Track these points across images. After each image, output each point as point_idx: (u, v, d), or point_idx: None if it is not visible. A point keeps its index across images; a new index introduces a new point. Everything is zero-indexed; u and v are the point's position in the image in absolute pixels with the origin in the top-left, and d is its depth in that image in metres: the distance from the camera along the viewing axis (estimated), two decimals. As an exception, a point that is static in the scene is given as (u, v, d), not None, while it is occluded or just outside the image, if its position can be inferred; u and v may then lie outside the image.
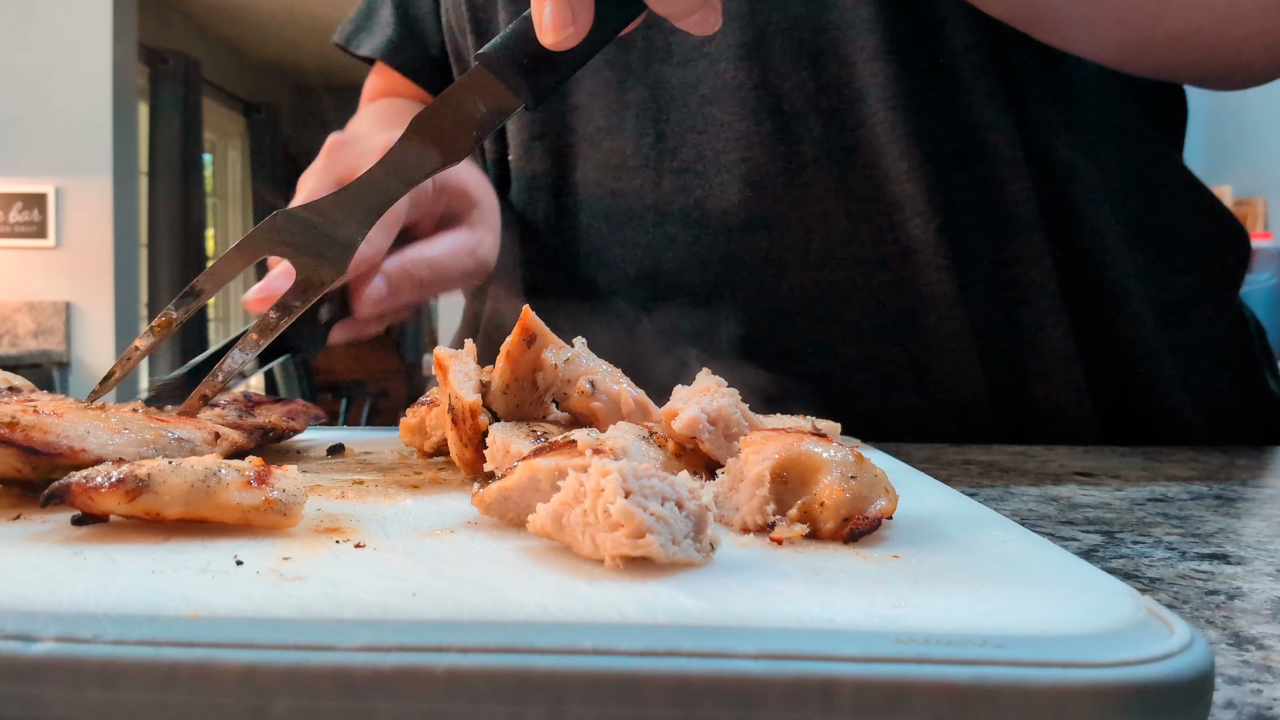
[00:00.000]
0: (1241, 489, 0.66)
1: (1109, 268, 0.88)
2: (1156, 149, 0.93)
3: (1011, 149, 0.85)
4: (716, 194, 0.88)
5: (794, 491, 0.39)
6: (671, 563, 0.32)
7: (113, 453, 0.43)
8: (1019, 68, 0.85)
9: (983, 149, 0.85)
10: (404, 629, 0.25)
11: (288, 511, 0.37)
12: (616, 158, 0.91)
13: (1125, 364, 0.89)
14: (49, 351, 4.26)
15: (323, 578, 0.30)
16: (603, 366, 0.51)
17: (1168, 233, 0.92)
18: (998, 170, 0.85)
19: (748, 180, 0.87)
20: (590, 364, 0.51)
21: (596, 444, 0.40)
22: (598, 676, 0.24)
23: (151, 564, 0.32)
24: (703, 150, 0.88)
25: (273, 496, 0.37)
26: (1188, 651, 0.25)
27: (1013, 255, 0.86)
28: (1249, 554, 0.46)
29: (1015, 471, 0.72)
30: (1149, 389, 0.90)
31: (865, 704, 0.24)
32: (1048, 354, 0.87)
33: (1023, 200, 0.85)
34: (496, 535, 0.37)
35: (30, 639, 0.25)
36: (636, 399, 0.51)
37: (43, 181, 4.28)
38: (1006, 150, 0.85)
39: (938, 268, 0.85)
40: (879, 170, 0.85)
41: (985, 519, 0.41)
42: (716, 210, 0.88)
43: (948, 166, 0.85)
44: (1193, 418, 0.91)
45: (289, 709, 0.24)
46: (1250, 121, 3.62)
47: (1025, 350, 0.87)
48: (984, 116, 0.84)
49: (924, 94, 0.84)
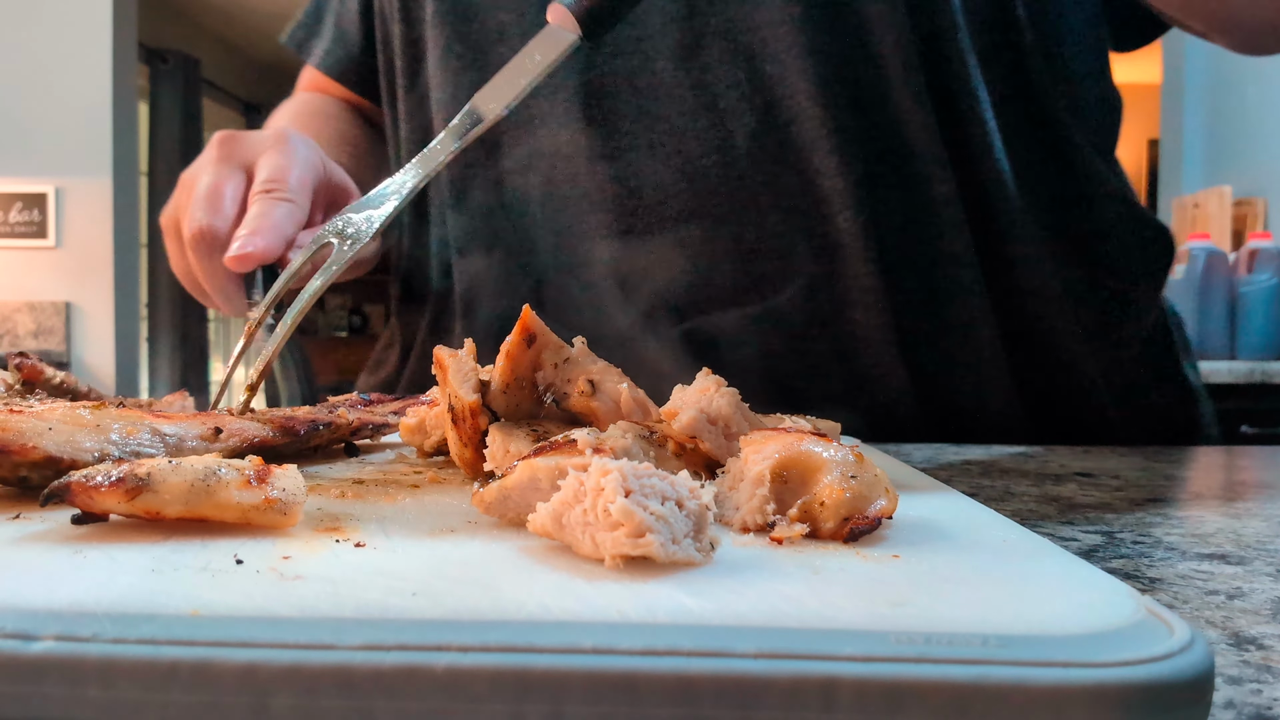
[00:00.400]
0: (1242, 489, 0.66)
1: (1033, 272, 0.89)
2: (1085, 157, 0.93)
3: (936, 149, 0.86)
4: (650, 185, 0.88)
5: (794, 491, 0.39)
6: (671, 562, 0.32)
7: (69, 451, 0.42)
8: (949, 70, 0.86)
9: (910, 148, 0.86)
10: (404, 628, 0.25)
11: (288, 510, 0.37)
12: (550, 145, 0.92)
13: (1049, 366, 0.90)
14: (49, 351, 4.25)
15: (323, 577, 0.30)
16: (601, 365, 0.51)
17: (1094, 239, 0.93)
18: (926, 169, 0.86)
19: (682, 172, 0.88)
20: (589, 364, 0.51)
21: (597, 443, 0.40)
22: (598, 676, 0.24)
23: (151, 563, 0.32)
24: (636, 140, 0.89)
25: (272, 495, 0.37)
26: (1188, 651, 0.25)
27: (940, 255, 0.87)
28: (1249, 554, 0.46)
29: (1015, 471, 0.72)
30: (1075, 389, 0.91)
31: (865, 703, 0.24)
32: (975, 352, 0.89)
33: (950, 201, 0.86)
34: (496, 535, 0.37)
35: (30, 638, 0.25)
36: (637, 398, 0.51)
37: (43, 181, 4.28)
38: (932, 150, 0.86)
39: (865, 261, 0.86)
40: (809, 165, 0.86)
41: (985, 519, 0.41)
42: (650, 201, 0.88)
43: (875, 163, 0.86)
44: (1116, 417, 0.92)
45: (289, 708, 0.24)
46: (1250, 121, 3.62)
47: (954, 348, 0.89)
48: (913, 116, 0.85)
49: (853, 92, 0.85)
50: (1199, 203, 3.41)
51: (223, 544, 0.34)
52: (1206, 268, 2.81)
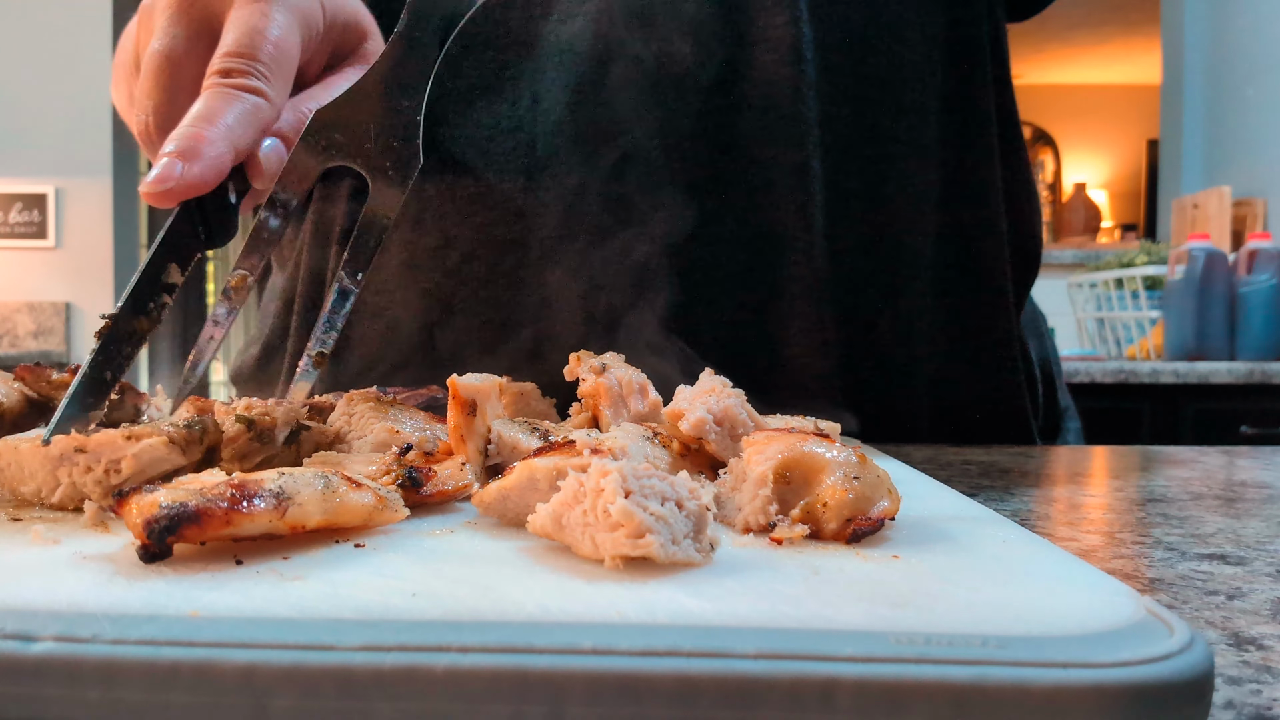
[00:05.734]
0: (1241, 489, 0.66)
1: (920, 275, 0.90)
2: (972, 164, 0.93)
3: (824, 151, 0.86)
4: (591, 164, 0.86)
5: (796, 492, 0.39)
6: (671, 563, 0.32)
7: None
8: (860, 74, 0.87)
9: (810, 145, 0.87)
10: (404, 629, 0.25)
11: (398, 507, 0.38)
12: (490, 117, 0.87)
13: (885, 368, 0.90)
14: (49, 352, 4.25)
15: (322, 577, 0.30)
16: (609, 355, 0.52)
17: (969, 247, 0.93)
18: (834, 163, 0.87)
19: (625, 154, 0.85)
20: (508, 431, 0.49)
21: (595, 444, 0.40)
22: (597, 676, 0.24)
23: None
24: (579, 118, 0.85)
25: (381, 494, 0.37)
26: (1187, 652, 0.25)
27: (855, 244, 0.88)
28: (1249, 554, 0.46)
29: (1015, 471, 0.72)
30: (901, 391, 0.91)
31: (865, 704, 0.24)
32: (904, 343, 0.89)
33: (857, 195, 0.87)
34: (496, 535, 0.37)
35: (30, 638, 0.25)
36: (639, 382, 0.51)
37: (43, 181, 4.28)
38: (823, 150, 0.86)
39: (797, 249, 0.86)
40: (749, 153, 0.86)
41: (985, 519, 0.41)
42: (592, 181, 0.86)
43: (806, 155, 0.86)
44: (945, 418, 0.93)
45: (289, 709, 0.24)
46: (1250, 121, 3.62)
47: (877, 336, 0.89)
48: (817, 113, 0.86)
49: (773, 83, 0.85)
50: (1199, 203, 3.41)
51: (221, 545, 0.34)
52: (1206, 268, 2.81)
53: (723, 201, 0.86)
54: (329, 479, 0.36)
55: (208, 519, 0.31)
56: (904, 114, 0.89)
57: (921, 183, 0.90)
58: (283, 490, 0.34)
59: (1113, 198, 6.98)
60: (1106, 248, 4.39)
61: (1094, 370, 2.64)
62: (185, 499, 0.32)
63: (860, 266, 0.89)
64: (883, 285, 0.90)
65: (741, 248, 0.87)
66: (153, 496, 0.32)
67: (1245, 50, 3.64)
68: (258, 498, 0.33)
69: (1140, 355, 3.04)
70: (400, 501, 0.38)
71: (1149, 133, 6.21)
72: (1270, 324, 2.78)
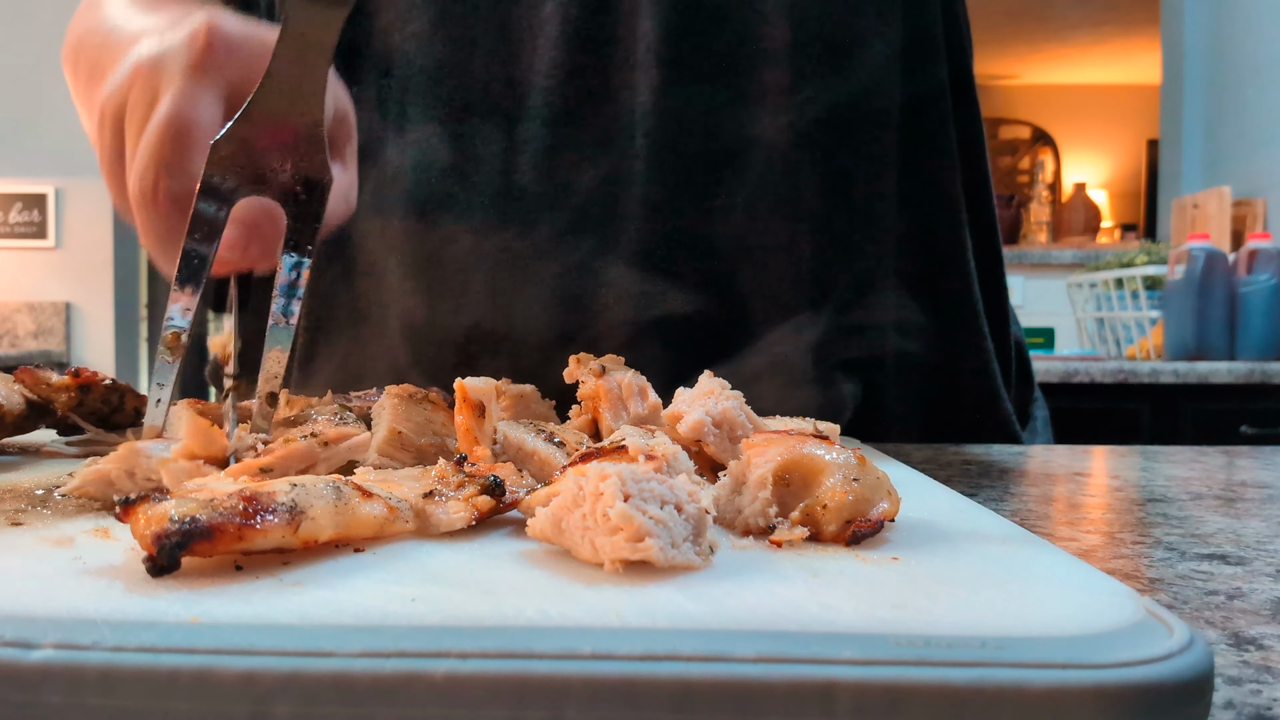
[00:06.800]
0: (1241, 489, 0.66)
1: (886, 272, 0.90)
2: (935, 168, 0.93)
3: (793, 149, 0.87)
4: (566, 144, 0.86)
5: (796, 494, 0.39)
6: (671, 566, 0.32)
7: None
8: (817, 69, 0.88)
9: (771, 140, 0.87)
10: (403, 634, 0.25)
11: (409, 518, 0.37)
12: (460, 98, 0.87)
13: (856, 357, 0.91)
14: (49, 352, 4.25)
15: (322, 583, 0.30)
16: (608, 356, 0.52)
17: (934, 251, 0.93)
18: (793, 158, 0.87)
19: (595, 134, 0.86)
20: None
21: (649, 450, 0.39)
22: (597, 681, 0.24)
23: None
24: (551, 98, 0.86)
25: (393, 504, 0.36)
26: (1187, 652, 0.25)
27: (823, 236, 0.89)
28: (1249, 554, 0.46)
29: (1015, 472, 0.72)
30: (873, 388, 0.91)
31: (865, 706, 0.24)
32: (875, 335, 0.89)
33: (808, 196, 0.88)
34: (495, 540, 0.37)
35: (29, 646, 0.25)
36: (639, 384, 0.51)
37: (43, 181, 4.28)
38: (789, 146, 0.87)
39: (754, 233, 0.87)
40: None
41: (985, 520, 0.41)
42: (563, 158, 0.86)
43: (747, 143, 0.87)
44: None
45: (289, 715, 0.24)
46: (1250, 121, 3.62)
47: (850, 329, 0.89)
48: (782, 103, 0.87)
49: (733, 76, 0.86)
50: (1198, 203, 3.41)
51: (222, 549, 0.34)
52: (1206, 268, 2.81)
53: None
54: (340, 489, 0.36)
55: (220, 534, 0.31)
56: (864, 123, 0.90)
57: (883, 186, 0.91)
58: (295, 504, 0.33)
59: (1113, 198, 6.98)
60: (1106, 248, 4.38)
61: (1094, 370, 2.63)
62: (196, 512, 0.31)
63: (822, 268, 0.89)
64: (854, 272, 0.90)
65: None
66: (161, 508, 0.31)
67: (1245, 50, 3.64)
68: (271, 512, 0.32)
69: (1140, 355, 3.04)
70: (410, 513, 0.37)
71: (1149, 133, 6.21)
72: (1270, 324, 2.78)
